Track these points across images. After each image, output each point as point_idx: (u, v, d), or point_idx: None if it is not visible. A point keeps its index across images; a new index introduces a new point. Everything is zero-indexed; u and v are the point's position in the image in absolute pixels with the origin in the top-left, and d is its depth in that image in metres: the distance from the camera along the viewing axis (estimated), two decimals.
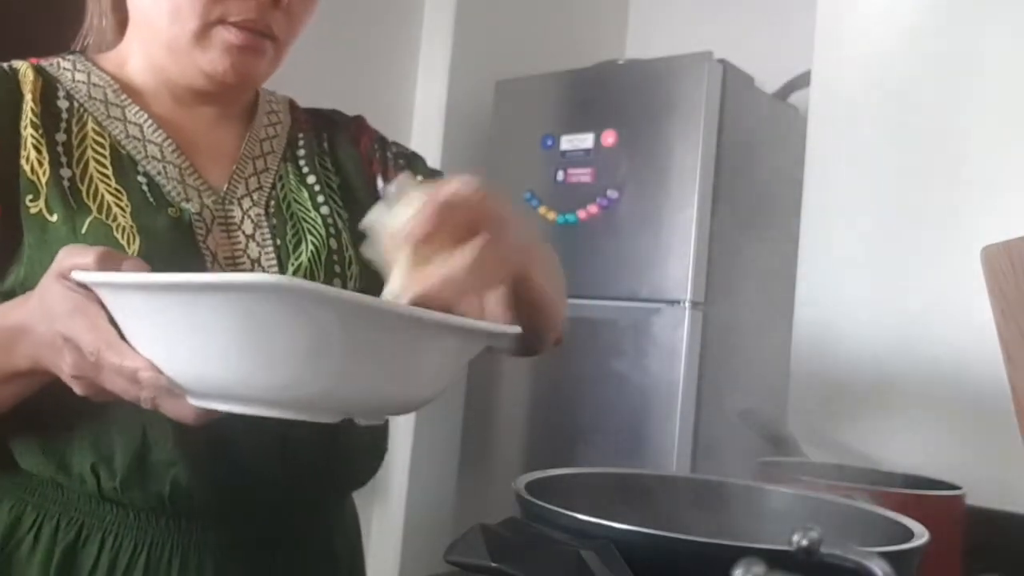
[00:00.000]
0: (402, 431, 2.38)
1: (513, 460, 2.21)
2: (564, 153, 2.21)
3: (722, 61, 2.08)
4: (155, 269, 0.70)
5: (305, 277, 0.79)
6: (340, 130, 0.95)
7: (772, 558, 0.44)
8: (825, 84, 1.72)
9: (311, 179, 0.88)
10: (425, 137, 2.48)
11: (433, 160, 2.42)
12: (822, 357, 1.64)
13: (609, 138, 2.14)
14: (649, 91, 2.11)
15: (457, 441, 2.35)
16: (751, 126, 2.17)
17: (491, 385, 2.29)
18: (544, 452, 2.16)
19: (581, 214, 2.16)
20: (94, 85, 0.83)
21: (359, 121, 0.97)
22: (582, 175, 2.17)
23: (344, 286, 0.81)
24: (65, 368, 0.61)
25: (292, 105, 0.96)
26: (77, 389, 0.61)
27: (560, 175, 2.21)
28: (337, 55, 2.27)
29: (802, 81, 2.26)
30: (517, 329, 0.63)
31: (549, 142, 2.24)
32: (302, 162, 0.89)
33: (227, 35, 0.78)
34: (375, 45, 2.42)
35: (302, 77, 1.09)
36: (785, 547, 0.47)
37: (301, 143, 0.91)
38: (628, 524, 0.54)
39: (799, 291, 1.69)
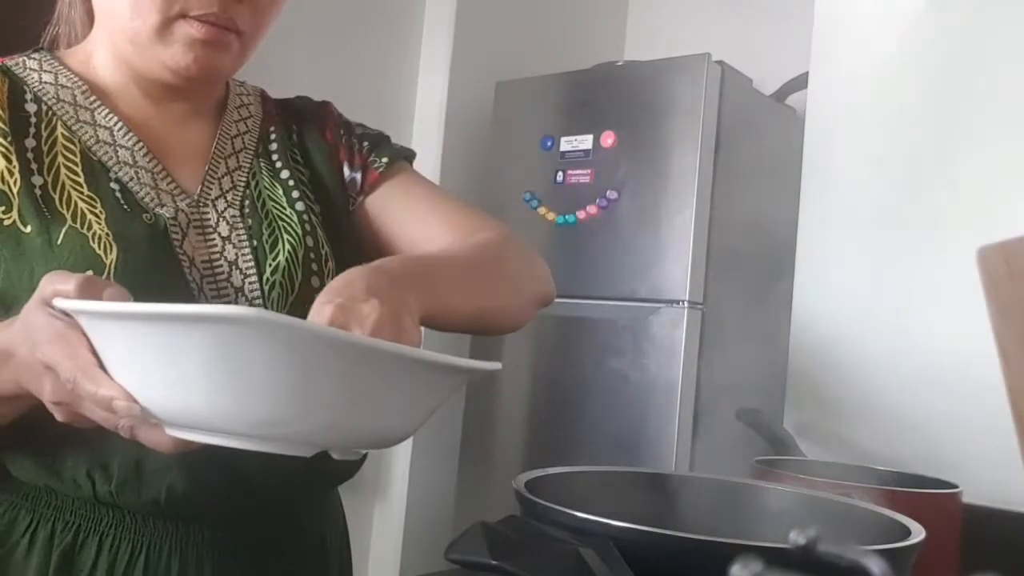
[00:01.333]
0: None
1: (513, 460, 2.21)
2: (563, 154, 2.21)
3: (720, 63, 2.09)
4: (134, 277, 0.71)
5: (283, 278, 0.79)
6: (307, 120, 0.93)
7: (770, 556, 0.45)
8: (823, 86, 1.73)
9: (284, 174, 0.87)
10: (425, 138, 2.48)
11: (433, 160, 2.45)
12: (820, 357, 1.64)
13: (608, 139, 2.14)
14: (648, 92, 2.11)
15: (457, 441, 2.36)
16: (749, 127, 2.18)
17: (491, 385, 2.29)
18: (544, 451, 2.16)
19: (580, 215, 2.16)
20: (62, 87, 0.81)
21: (325, 108, 0.96)
22: (581, 176, 2.18)
23: (322, 283, 0.80)
24: (45, 394, 0.61)
25: (264, 96, 0.94)
26: (57, 415, 0.61)
27: (559, 176, 2.21)
28: (337, 55, 2.28)
29: (800, 83, 2.26)
30: (497, 366, 0.64)
31: (548, 143, 2.24)
32: (275, 156, 0.88)
33: (189, 29, 0.76)
34: (375, 46, 2.42)
35: (302, 77, 1.09)
36: (783, 545, 0.47)
37: (273, 137, 0.89)
38: (627, 522, 0.55)
39: (797, 291, 1.70)
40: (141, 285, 0.71)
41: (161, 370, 0.53)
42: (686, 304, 2.00)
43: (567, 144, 2.21)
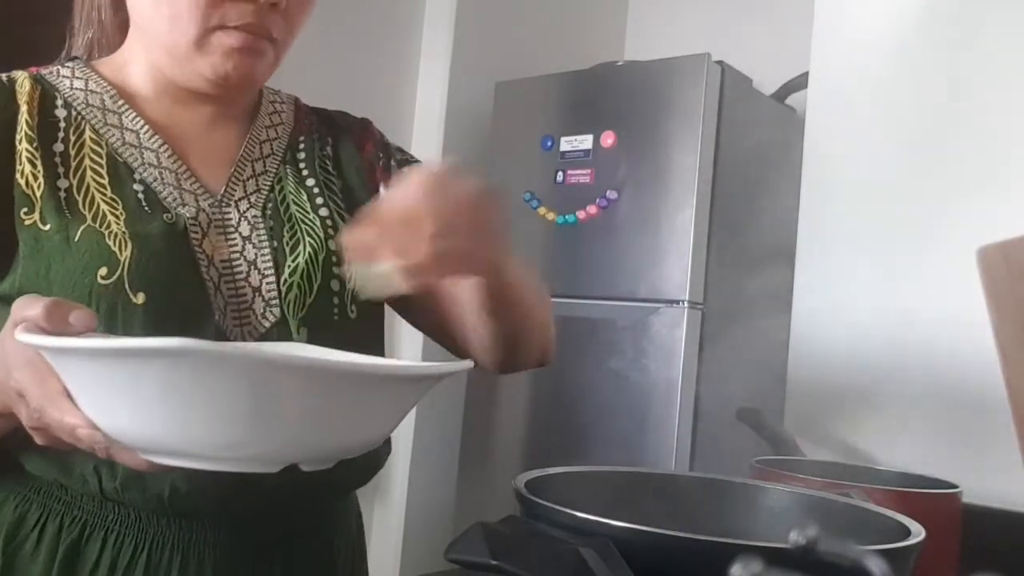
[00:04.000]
0: (402, 431, 2.39)
1: (513, 460, 2.21)
2: (563, 154, 2.21)
3: (720, 63, 2.09)
4: (148, 274, 0.74)
5: (301, 279, 0.80)
6: (344, 133, 0.95)
7: (770, 556, 0.45)
8: (823, 85, 1.73)
9: (310, 182, 0.88)
10: (425, 137, 2.48)
11: (433, 160, 2.43)
12: (820, 356, 1.64)
13: (608, 139, 2.14)
14: (648, 92, 2.11)
15: (457, 441, 2.36)
16: (749, 127, 2.18)
17: (491, 385, 2.29)
18: (544, 451, 2.16)
19: (580, 215, 2.16)
20: (91, 92, 0.83)
21: (365, 125, 0.97)
22: (581, 176, 2.18)
23: (343, 287, 0.82)
24: (22, 419, 0.62)
25: (297, 104, 0.96)
26: (36, 439, 0.62)
27: (559, 176, 2.21)
28: (338, 56, 2.28)
29: (800, 83, 2.26)
30: (468, 364, 0.64)
31: (548, 143, 2.25)
32: (302, 164, 0.89)
33: (226, 39, 0.78)
34: (375, 46, 2.42)
35: (303, 78, 1.09)
36: (783, 545, 0.47)
37: (302, 146, 0.91)
38: (627, 522, 0.55)
39: (797, 291, 1.70)
40: (156, 281, 0.74)
41: (120, 400, 0.54)
42: (686, 304, 2.00)
43: (567, 144, 2.21)
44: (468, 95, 2.48)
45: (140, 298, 0.73)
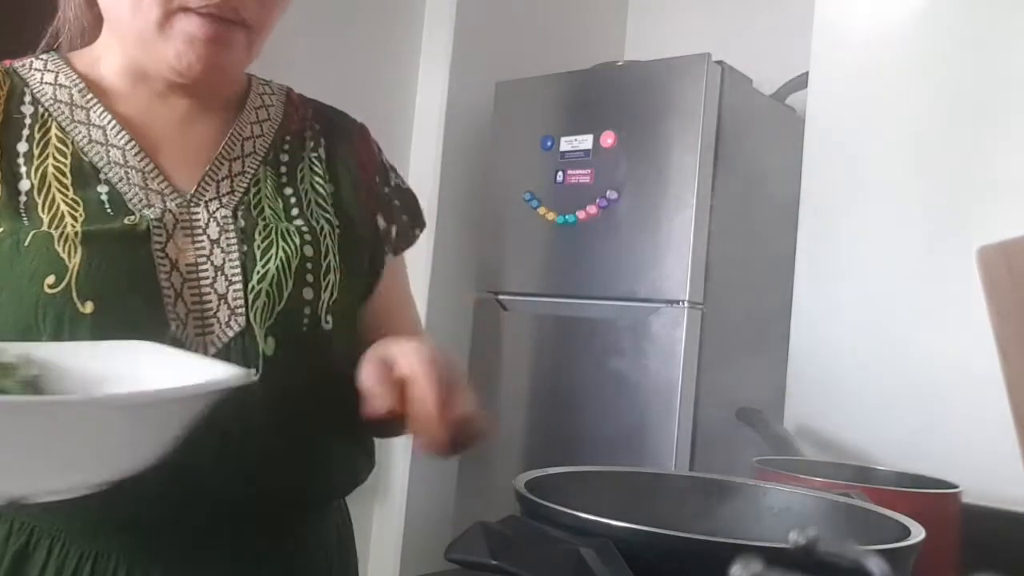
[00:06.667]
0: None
1: (513, 460, 2.21)
2: (563, 154, 2.21)
3: (720, 62, 2.09)
4: (98, 281, 0.70)
5: (270, 287, 0.76)
6: (342, 140, 0.90)
7: (770, 556, 0.45)
8: (823, 85, 1.73)
9: (288, 191, 0.83)
10: (425, 137, 2.48)
11: (433, 160, 2.45)
12: (820, 356, 1.64)
13: (608, 139, 2.14)
14: (648, 92, 2.11)
15: None
16: (749, 127, 2.18)
17: (491, 385, 2.29)
18: (544, 451, 2.16)
19: (580, 215, 2.16)
20: (60, 86, 0.79)
21: (363, 135, 0.93)
22: (581, 176, 2.18)
23: (317, 296, 0.78)
24: None
25: (289, 97, 0.91)
26: None
27: (559, 176, 2.21)
28: (337, 55, 2.28)
29: (800, 82, 2.26)
30: (239, 377, 0.56)
31: (548, 143, 2.25)
32: (283, 169, 0.84)
33: (188, 25, 0.73)
34: (375, 45, 2.42)
35: (303, 78, 1.09)
36: (783, 545, 0.47)
37: (287, 147, 0.86)
38: (627, 522, 0.55)
39: (797, 291, 1.70)
40: (106, 289, 0.70)
41: None
42: (686, 304, 2.00)
43: (567, 144, 2.21)
44: (468, 95, 2.48)
45: (88, 307, 0.69)
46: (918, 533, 0.60)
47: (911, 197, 1.56)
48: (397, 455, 2.39)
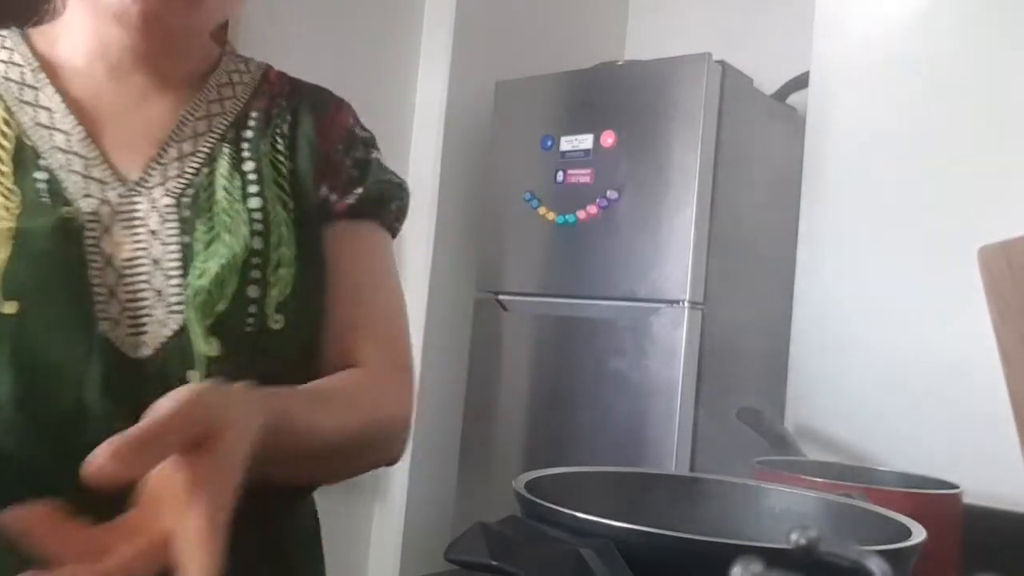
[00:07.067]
0: None
1: (513, 460, 2.21)
2: (563, 154, 2.21)
3: (721, 62, 2.09)
4: (23, 279, 0.65)
5: (211, 283, 0.69)
6: (309, 112, 0.83)
7: (770, 556, 0.45)
8: (823, 85, 1.73)
9: (248, 166, 0.76)
10: (425, 137, 2.48)
11: (433, 160, 2.44)
12: (820, 356, 1.64)
13: (608, 139, 2.14)
14: (648, 92, 2.11)
15: (457, 441, 2.36)
16: (750, 127, 2.18)
17: (491, 385, 2.29)
18: (544, 452, 2.16)
19: (581, 215, 2.16)
20: (13, 64, 0.75)
21: (339, 107, 0.86)
22: (581, 176, 2.18)
23: (264, 294, 0.71)
24: None
25: (267, 75, 0.84)
26: None
27: (560, 176, 2.21)
28: (337, 55, 2.27)
29: (801, 82, 2.26)
30: None
31: (548, 143, 2.25)
32: (245, 145, 0.78)
33: None
34: (375, 45, 2.42)
35: (302, 77, 1.08)
36: (783, 545, 0.47)
37: (252, 123, 0.79)
38: (627, 523, 0.55)
39: (797, 291, 1.69)
40: (32, 287, 0.66)
41: None
42: (686, 304, 2.00)
43: (567, 144, 2.21)
44: (468, 95, 2.48)
45: (11, 307, 0.64)
46: (919, 533, 0.59)
47: (912, 197, 1.56)
48: None
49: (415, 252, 2.39)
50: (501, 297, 2.31)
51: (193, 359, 0.69)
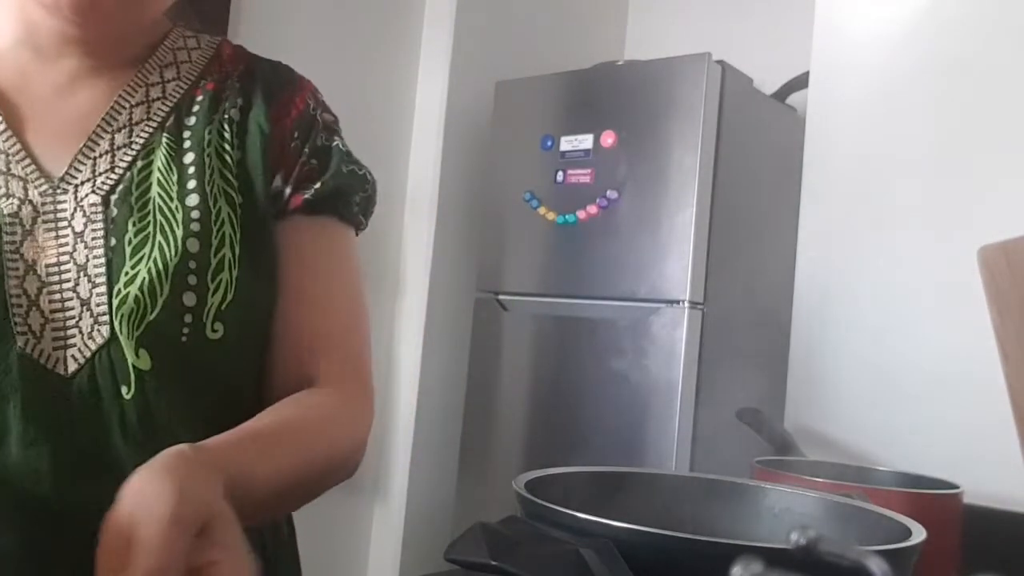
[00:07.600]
0: (402, 431, 2.39)
1: (513, 460, 2.21)
2: (563, 154, 2.21)
3: (721, 62, 2.09)
4: None
5: (140, 290, 0.63)
6: (262, 94, 0.74)
7: (770, 557, 0.45)
8: (824, 85, 1.72)
9: (189, 157, 0.69)
10: (425, 137, 2.48)
11: (433, 160, 2.44)
12: (820, 356, 1.64)
13: (608, 139, 2.14)
14: (648, 92, 2.11)
15: (457, 441, 2.36)
16: (750, 127, 2.18)
17: (491, 385, 2.29)
18: (544, 452, 2.16)
19: (580, 215, 2.16)
20: None
21: (299, 89, 0.77)
22: (581, 176, 2.18)
23: (202, 301, 0.64)
24: None
25: (220, 52, 0.76)
26: None
27: (559, 176, 2.21)
28: (337, 55, 2.27)
29: (801, 82, 2.26)
30: None
31: (548, 143, 2.25)
32: (187, 134, 0.70)
33: None
34: (375, 45, 2.42)
35: None
36: (783, 545, 0.47)
37: (195, 108, 0.71)
38: (627, 523, 0.55)
39: (797, 290, 1.69)
40: None
41: None
42: (686, 304, 2.00)
43: (567, 144, 2.21)
44: (468, 95, 2.48)
45: None
46: (919, 534, 0.59)
47: (912, 197, 1.56)
48: (397, 455, 2.39)
49: (415, 252, 2.39)
50: (501, 297, 2.31)
51: (127, 373, 0.63)
